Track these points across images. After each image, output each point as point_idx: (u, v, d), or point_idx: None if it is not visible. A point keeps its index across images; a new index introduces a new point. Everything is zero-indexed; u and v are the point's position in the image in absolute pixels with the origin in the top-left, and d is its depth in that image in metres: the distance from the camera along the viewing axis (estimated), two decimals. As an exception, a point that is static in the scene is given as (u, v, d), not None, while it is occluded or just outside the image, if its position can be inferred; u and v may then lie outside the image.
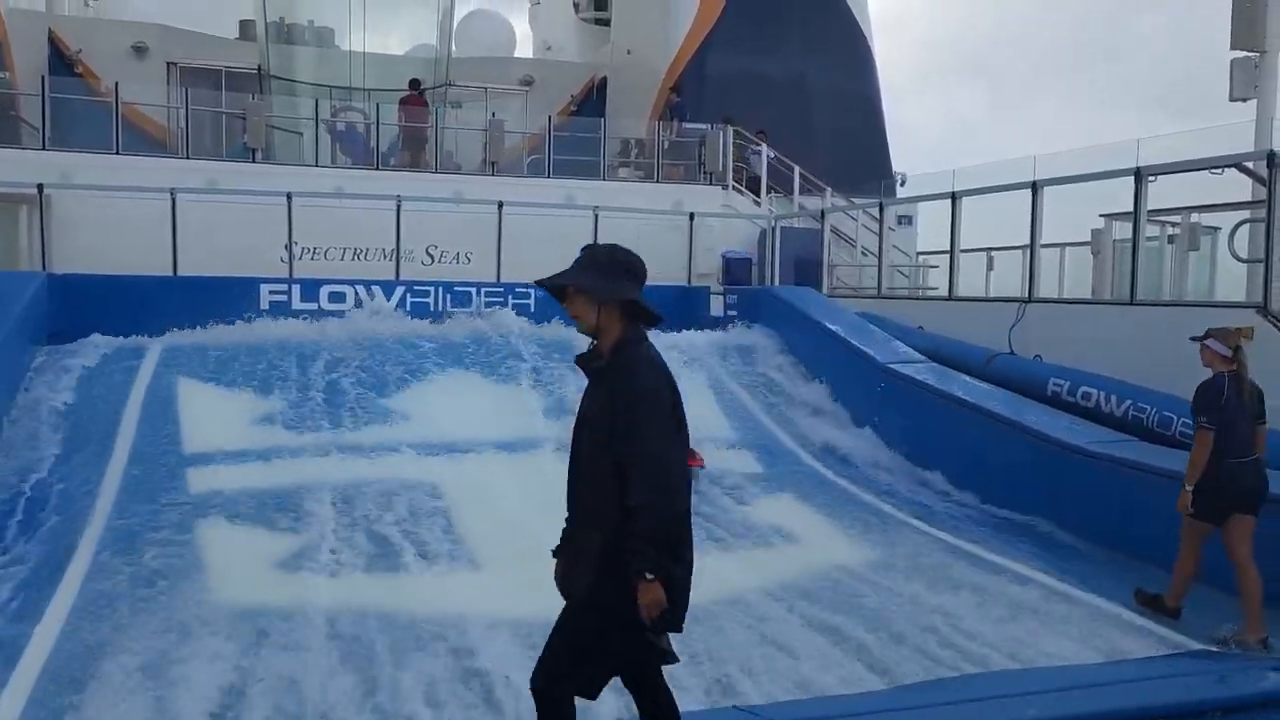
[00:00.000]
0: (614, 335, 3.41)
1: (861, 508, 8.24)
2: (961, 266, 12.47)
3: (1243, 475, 5.74)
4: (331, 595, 5.95)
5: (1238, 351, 5.88)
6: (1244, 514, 5.72)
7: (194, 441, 8.27)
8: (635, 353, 3.38)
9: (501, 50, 24.26)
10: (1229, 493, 5.72)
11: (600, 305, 3.40)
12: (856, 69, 20.59)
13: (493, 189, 15.20)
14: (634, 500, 3.26)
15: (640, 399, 3.28)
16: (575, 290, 3.45)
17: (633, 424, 3.26)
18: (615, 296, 3.40)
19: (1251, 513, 5.73)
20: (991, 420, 8.64)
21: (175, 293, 11.34)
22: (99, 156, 14.76)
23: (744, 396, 10.77)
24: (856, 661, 5.37)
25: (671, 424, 3.36)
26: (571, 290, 3.46)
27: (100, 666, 4.84)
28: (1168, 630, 5.86)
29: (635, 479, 3.26)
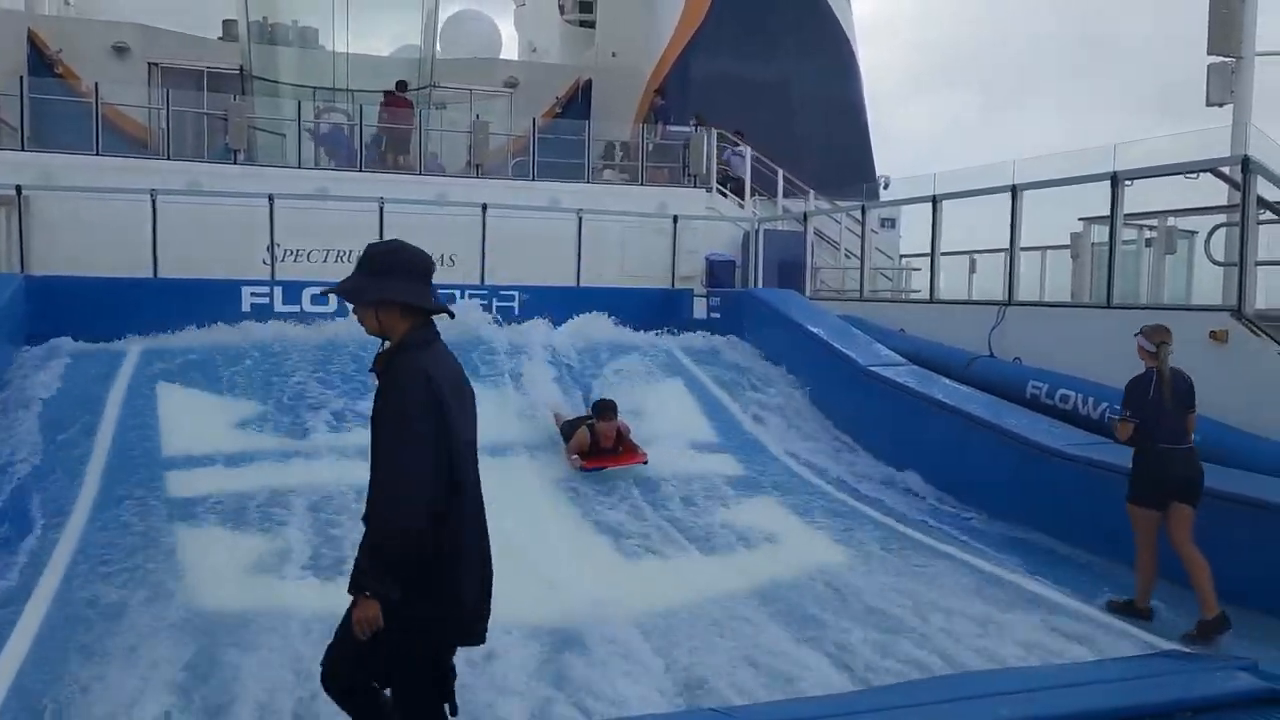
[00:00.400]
0: (397, 338, 3.31)
1: (841, 509, 8.28)
2: (943, 269, 12.55)
3: (1174, 461, 6.08)
4: (308, 599, 5.92)
5: (1161, 347, 6.20)
6: (1181, 503, 6.02)
7: (172, 444, 8.24)
8: (406, 360, 3.25)
9: (486, 51, 24.25)
10: (1165, 478, 6.07)
11: (375, 308, 3.28)
12: (840, 73, 20.67)
13: (477, 191, 15.19)
14: (366, 511, 3.23)
15: (398, 411, 3.16)
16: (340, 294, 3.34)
17: (383, 435, 3.18)
18: (381, 298, 3.26)
19: (1189, 502, 6.04)
20: (971, 423, 8.70)
21: (155, 295, 11.30)
22: (79, 157, 14.68)
23: (725, 399, 10.79)
24: (833, 663, 5.40)
25: (430, 438, 3.17)
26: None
27: (76, 669, 4.82)
28: (1140, 630, 5.93)
29: (371, 490, 3.22)
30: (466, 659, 5.13)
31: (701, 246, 16.69)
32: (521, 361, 10.71)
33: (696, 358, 11.77)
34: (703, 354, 11.95)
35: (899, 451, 9.42)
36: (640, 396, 10.47)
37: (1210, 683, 4.33)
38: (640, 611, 6.02)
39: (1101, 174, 9.60)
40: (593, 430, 8.61)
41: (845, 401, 10.33)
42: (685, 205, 16.60)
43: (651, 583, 6.59)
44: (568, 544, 7.28)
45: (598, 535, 7.42)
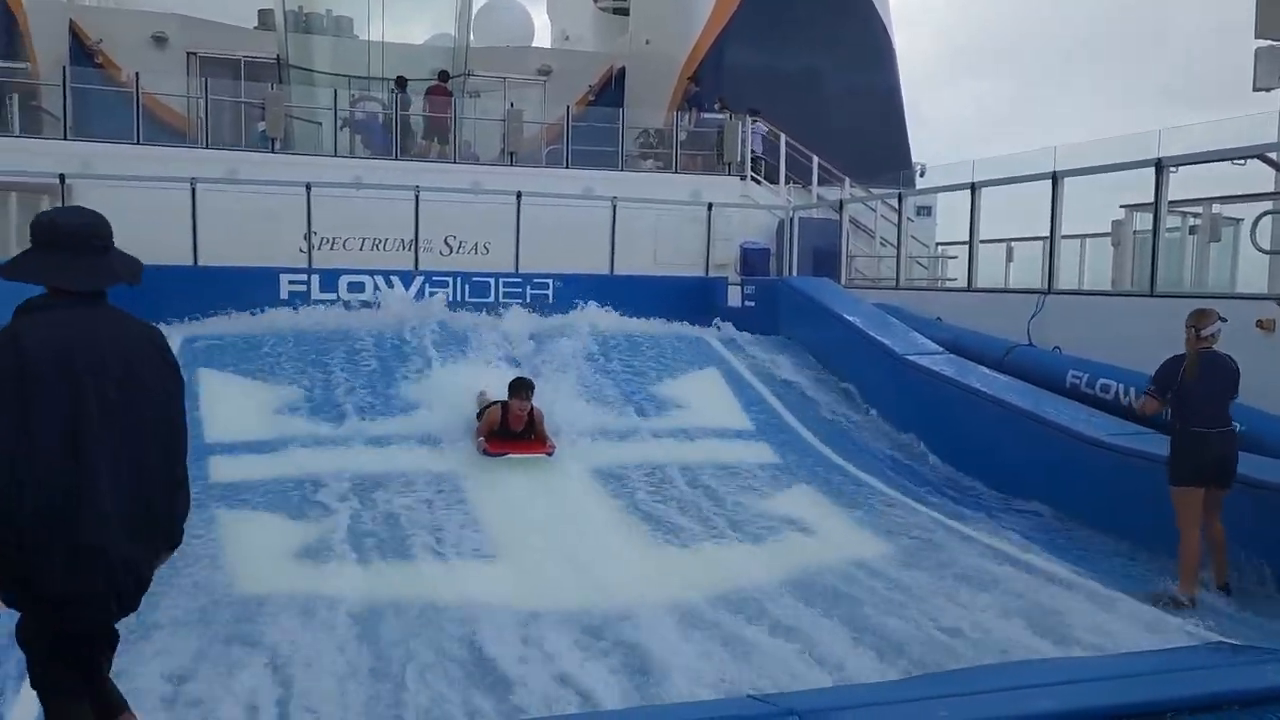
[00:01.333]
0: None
1: (878, 499, 8.24)
2: (980, 257, 12.42)
3: (1208, 444, 6.15)
4: (348, 584, 6.00)
5: (1190, 330, 6.31)
6: (1215, 486, 6.15)
7: (215, 430, 8.33)
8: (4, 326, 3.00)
9: (520, 40, 24.27)
10: (1200, 461, 6.15)
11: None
12: (876, 60, 20.47)
13: (511, 179, 15.23)
14: None
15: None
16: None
17: None
18: (10, 276, 3.05)
19: (1221, 485, 6.17)
20: (1009, 412, 8.61)
21: (196, 282, 11.42)
22: (119, 146, 14.88)
23: (760, 388, 10.75)
24: (873, 652, 5.38)
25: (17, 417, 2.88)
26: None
27: (121, 652, 4.88)
28: (1183, 620, 5.85)
29: None
30: (502, 643, 5.21)
31: (736, 234, 16.66)
32: (549, 349, 10.72)
33: (730, 346, 11.74)
34: (737, 342, 11.91)
35: (936, 440, 9.35)
36: (674, 385, 10.47)
37: (1259, 675, 4.26)
38: (676, 599, 6.03)
39: (1146, 160, 9.45)
40: (505, 409, 8.23)
41: (882, 390, 10.26)
42: (719, 193, 16.54)
43: (687, 570, 6.59)
44: (602, 531, 7.29)
45: (632, 522, 7.43)
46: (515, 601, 5.82)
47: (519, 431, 8.19)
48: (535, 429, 8.26)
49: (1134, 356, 8.80)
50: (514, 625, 5.50)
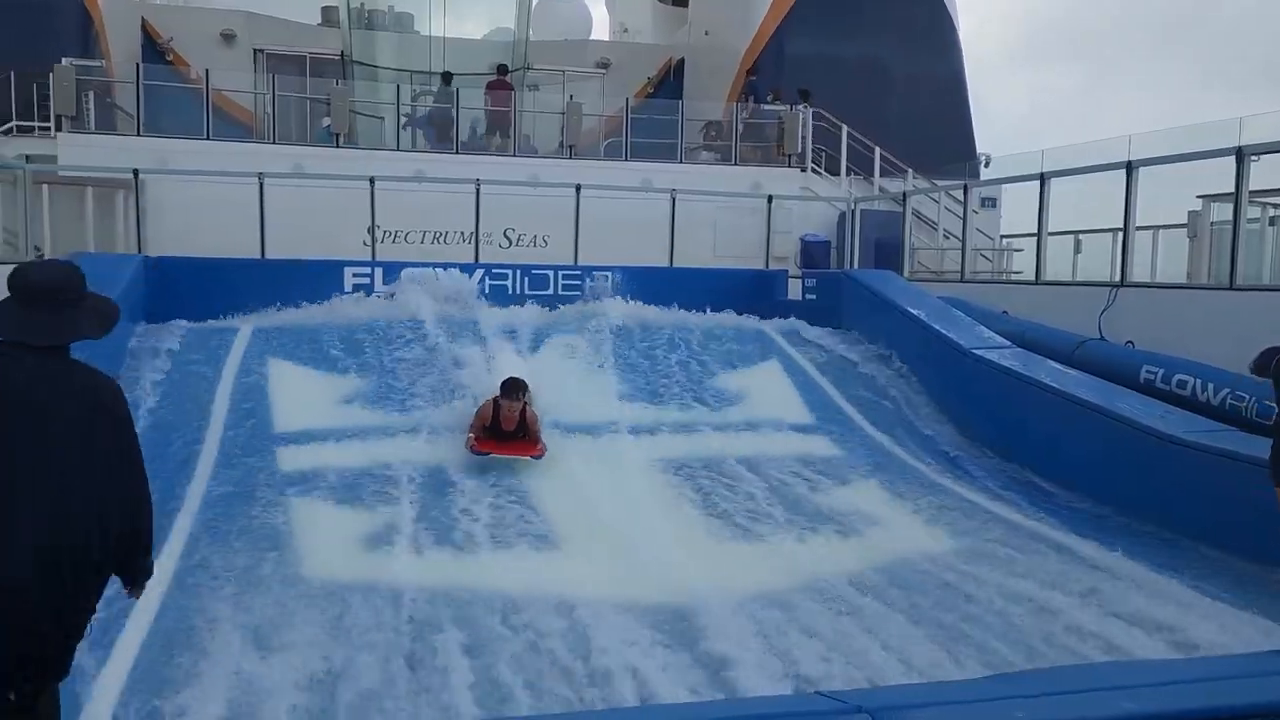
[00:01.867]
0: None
1: (944, 494, 8.10)
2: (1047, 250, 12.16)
3: None
4: (414, 573, 6.06)
5: None
6: None
7: (283, 420, 8.48)
8: None
9: (578, 33, 24.32)
10: None
11: None
12: (940, 48, 20.14)
13: (570, 172, 15.26)
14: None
15: None
16: None
17: None
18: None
19: None
20: (1080, 407, 8.39)
21: (264, 275, 11.62)
22: (190, 142, 15.21)
23: (821, 381, 10.65)
24: (944, 649, 5.29)
25: None
26: None
27: (196, 638, 5.00)
28: (1270, 622, 5.65)
29: None
30: (566, 635, 5.23)
31: (796, 227, 16.52)
32: (622, 341, 10.74)
33: (791, 339, 11.64)
34: (798, 335, 11.81)
35: (1003, 436, 9.17)
36: (735, 378, 10.42)
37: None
38: (742, 594, 5.98)
39: (1226, 149, 9.15)
40: (496, 408, 8.10)
41: (947, 384, 10.09)
42: (779, 185, 16.41)
43: (752, 565, 6.54)
44: (665, 524, 7.27)
45: (695, 515, 7.41)
46: (579, 593, 5.82)
47: (510, 431, 8.05)
48: (527, 430, 8.12)
49: (1212, 352, 8.55)
50: (578, 617, 5.50)
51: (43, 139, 15.23)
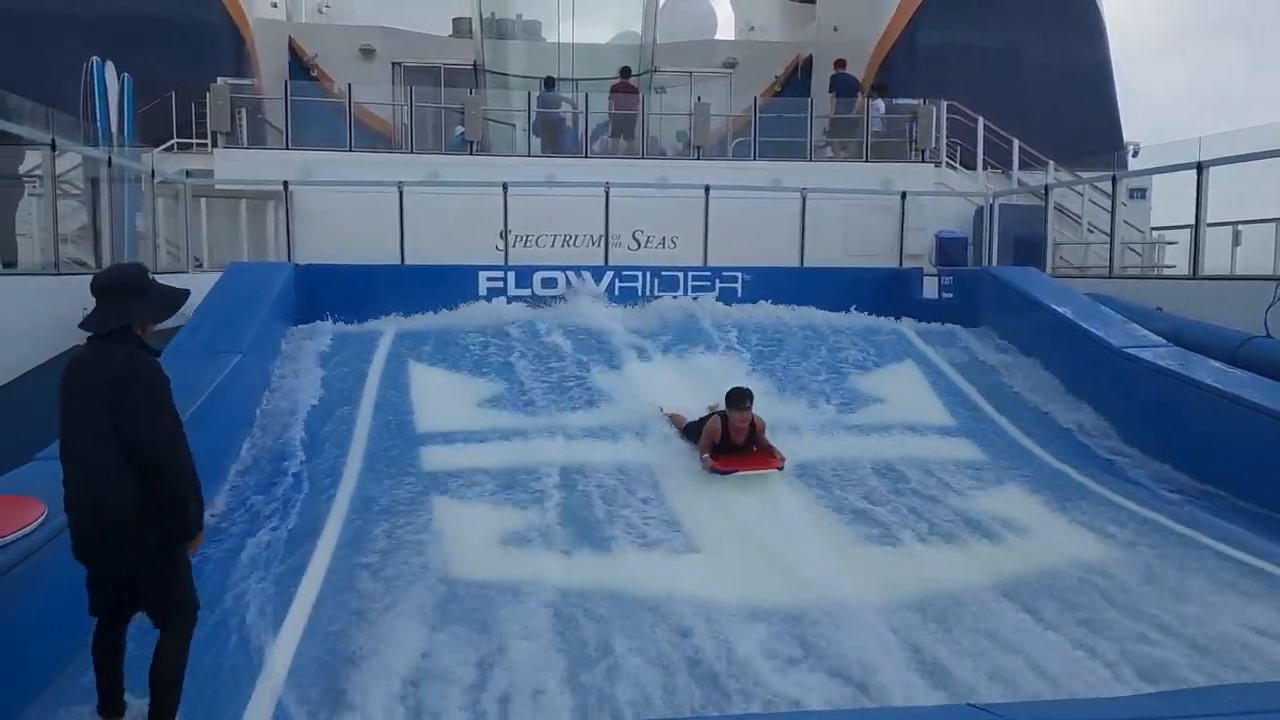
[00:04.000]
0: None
1: (1096, 501, 7.72)
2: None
3: None
4: (552, 571, 6.13)
5: None
6: None
7: (425, 422, 8.73)
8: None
9: (704, 33, 24.34)
10: None
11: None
12: (1083, 34, 19.31)
13: (698, 173, 15.25)
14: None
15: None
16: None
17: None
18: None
19: None
20: (1246, 409, 7.88)
21: (404, 280, 12.02)
22: (334, 153, 15.86)
23: (961, 382, 10.34)
24: (1099, 663, 5.05)
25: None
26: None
27: (349, 636, 5.17)
28: None
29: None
30: (704, 639, 5.21)
31: (930, 223, 16.09)
32: (757, 342, 10.67)
33: (929, 339, 11.35)
34: (935, 335, 11.50)
35: (1160, 439, 8.70)
36: (871, 379, 10.21)
37: None
38: (881, 600, 5.85)
39: (1407, 131, 8.47)
40: (725, 421, 7.85)
41: (1097, 385, 9.64)
42: (912, 181, 16.00)
43: (892, 571, 6.38)
44: (802, 528, 7.16)
45: (833, 519, 7.27)
46: (717, 597, 5.79)
47: (741, 444, 7.87)
48: (757, 440, 7.94)
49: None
50: (716, 621, 5.47)
51: (200, 154, 16.13)
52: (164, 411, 3.90)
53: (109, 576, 3.96)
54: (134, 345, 3.95)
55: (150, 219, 12.49)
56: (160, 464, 3.81)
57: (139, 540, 3.84)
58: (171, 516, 3.88)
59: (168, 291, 4.15)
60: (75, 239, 11.34)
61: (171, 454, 3.86)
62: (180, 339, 8.61)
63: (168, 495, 3.85)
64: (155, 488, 3.82)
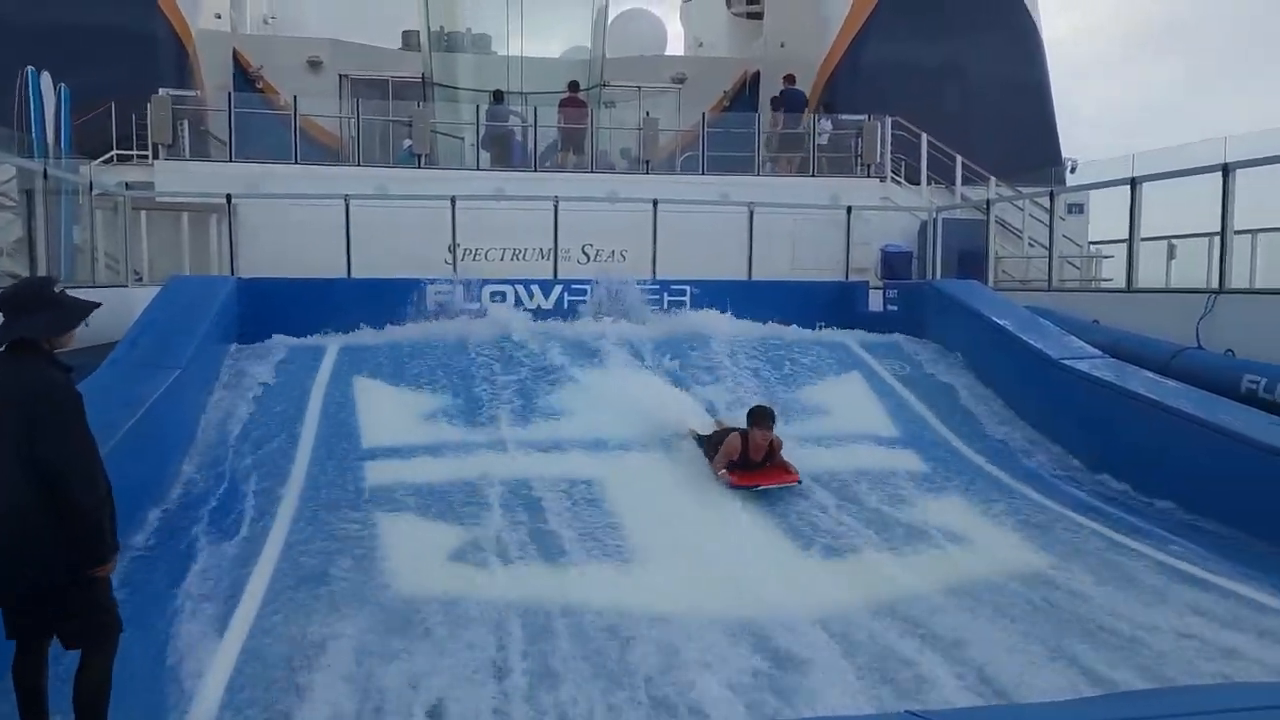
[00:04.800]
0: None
1: (1035, 508, 7.87)
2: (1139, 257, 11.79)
3: None
4: (502, 587, 6.10)
5: None
6: None
7: (370, 437, 8.64)
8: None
9: (654, 49, 24.50)
10: None
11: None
12: (1022, 52, 19.75)
13: (647, 187, 15.32)
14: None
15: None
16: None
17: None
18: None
19: None
20: (1178, 419, 8.10)
21: (349, 294, 11.87)
22: (279, 166, 15.68)
23: (905, 394, 10.47)
24: (1037, 669, 5.14)
25: None
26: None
27: (288, 654, 5.09)
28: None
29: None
30: (646, 648, 5.21)
31: (875, 237, 16.34)
32: (687, 355, 10.72)
33: (873, 351, 11.48)
34: (880, 347, 11.64)
35: (1096, 449, 8.89)
36: (816, 391, 10.31)
37: None
38: (825, 610, 5.90)
39: (1329, 148, 8.79)
40: (745, 439, 8.02)
41: (1036, 396, 9.83)
42: (858, 195, 16.24)
43: (837, 581, 6.44)
44: (746, 538, 7.21)
45: (777, 529, 7.32)
46: (660, 607, 5.80)
47: (759, 461, 8.00)
48: (774, 457, 8.09)
49: (1320, 359, 8.20)
50: (658, 631, 5.49)
51: (141, 166, 15.87)
52: (74, 429, 3.82)
53: (19, 596, 3.86)
54: (43, 361, 3.89)
55: (88, 232, 12.24)
56: (69, 484, 3.74)
57: (50, 560, 3.76)
58: (83, 536, 3.80)
59: (73, 304, 4.07)
60: (10, 252, 11.09)
61: (81, 473, 3.79)
62: (118, 353, 8.44)
63: (78, 515, 3.76)
64: (65, 507, 3.74)
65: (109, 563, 3.95)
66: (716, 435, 8.39)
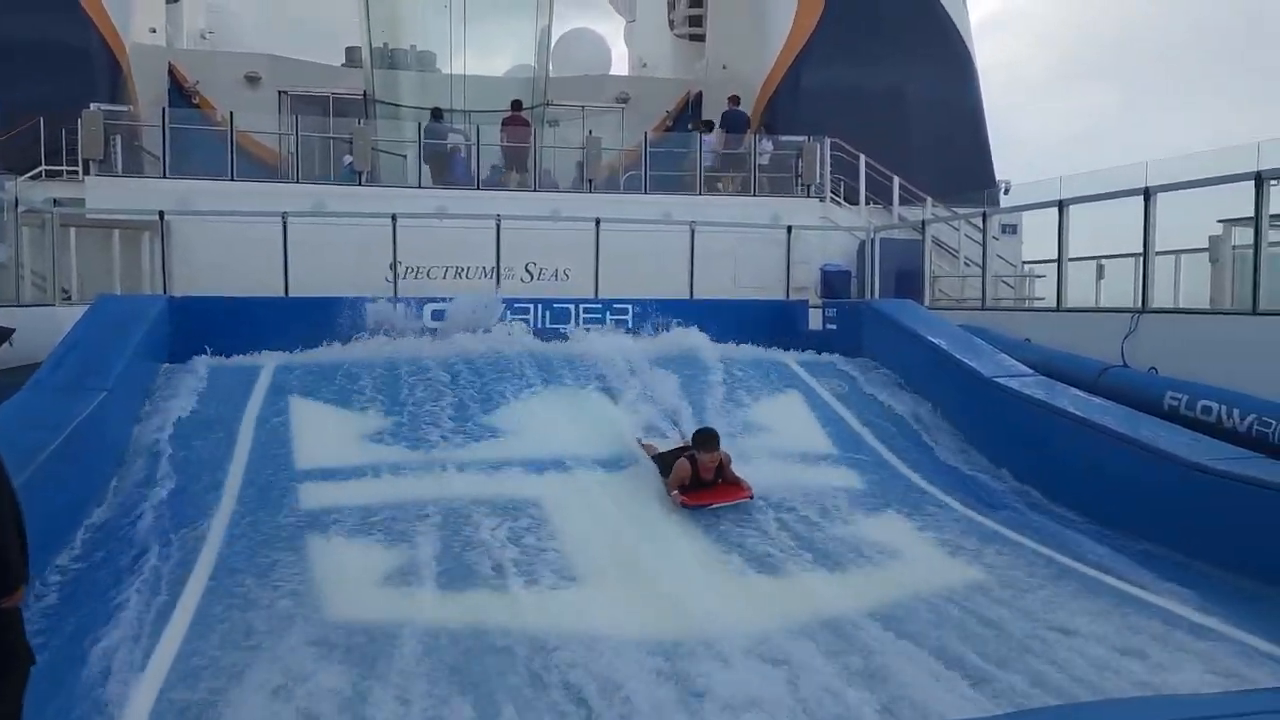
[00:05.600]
0: None
1: (967, 525, 8.00)
2: (1069, 276, 12.10)
3: None
4: (437, 611, 6.04)
5: None
6: None
7: (305, 458, 8.52)
8: None
9: (598, 68, 24.63)
10: None
11: None
12: (956, 77, 20.24)
13: (590, 206, 15.38)
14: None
15: None
16: None
17: None
18: None
19: None
20: (1105, 436, 8.31)
21: (286, 313, 11.72)
22: (215, 183, 15.46)
23: (844, 411, 10.60)
24: (965, 685, 5.21)
25: None
26: None
27: (215, 680, 4.99)
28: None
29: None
30: (577, 668, 5.21)
31: (815, 257, 16.55)
32: (637, 374, 10.76)
33: (812, 370, 11.61)
34: (819, 366, 11.78)
35: (1026, 465, 9.09)
36: (755, 409, 10.39)
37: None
38: (760, 628, 5.93)
39: (1245, 174, 9.11)
40: (694, 462, 8.11)
41: (969, 414, 10.02)
42: (799, 215, 16.46)
43: (771, 598, 6.48)
44: (683, 556, 7.22)
45: (715, 548, 7.35)
46: (598, 629, 5.79)
47: (709, 481, 8.10)
48: (725, 474, 8.19)
49: (1235, 377, 8.47)
50: (598, 654, 5.47)
51: (71, 182, 15.53)
52: None
53: None
54: None
55: (13, 249, 11.93)
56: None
57: None
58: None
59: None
60: (-70, 269, 10.78)
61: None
62: (42, 374, 8.23)
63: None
64: None
65: (16, 593, 3.83)
66: (670, 455, 8.43)
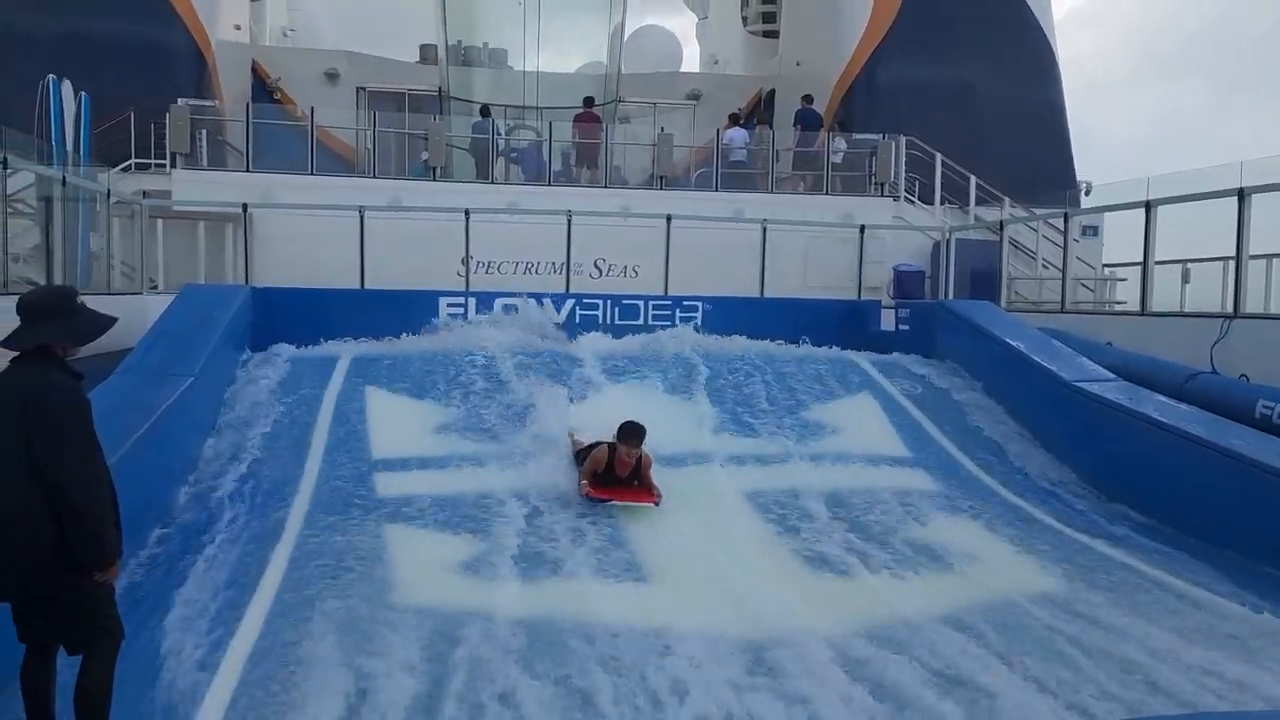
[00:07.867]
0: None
1: (1046, 533, 7.82)
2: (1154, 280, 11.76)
3: None
4: (503, 599, 6.08)
5: None
6: None
7: (380, 447, 8.66)
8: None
9: (669, 65, 24.60)
10: None
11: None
12: (1037, 73, 19.77)
13: (660, 203, 15.36)
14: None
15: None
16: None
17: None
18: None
19: None
20: (1191, 443, 8.04)
21: (363, 305, 11.94)
22: (295, 177, 15.78)
23: (916, 413, 10.43)
24: (1044, 695, 5.09)
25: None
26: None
27: (295, 665, 5.08)
28: None
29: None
30: (650, 666, 5.19)
31: (888, 256, 16.33)
32: (712, 372, 10.74)
33: (885, 370, 11.45)
34: (891, 366, 11.62)
35: (1107, 472, 8.85)
36: (827, 410, 10.29)
37: None
38: (831, 629, 5.86)
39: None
40: (613, 452, 7.81)
41: (1048, 418, 9.78)
42: (871, 214, 16.25)
43: (844, 602, 6.39)
44: (755, 557, 7.16)
45: (786, 549, 7.29)
46: (670, 625, 5.78)
47: (624, 477, 7.82)
48: (641, 475, 7.88)
49: (1335, 386, 8.14)
50: (669, 650, 5.46)
51: (159, 175, 15.98)
52: (75, 437, 3.81)
53: (20, 599, 3.88)
54: (53, 368, 3.91)
55: (105, 239, 12.33)
56: (67, 491, 3.74)
57: (48, 565, 3.77)
58: (81, 542, 3.80)
59: (93, 317, 4.10)
60: (27, 258, 11.17)
61: (79, 480, 3.78)
62: (132, 359, 8.49)
63: (75, 520, 3.76)
64: (63, 513, 3.74)
65: (110, 569, 3.94)
66: (584, 451, 8.15)
